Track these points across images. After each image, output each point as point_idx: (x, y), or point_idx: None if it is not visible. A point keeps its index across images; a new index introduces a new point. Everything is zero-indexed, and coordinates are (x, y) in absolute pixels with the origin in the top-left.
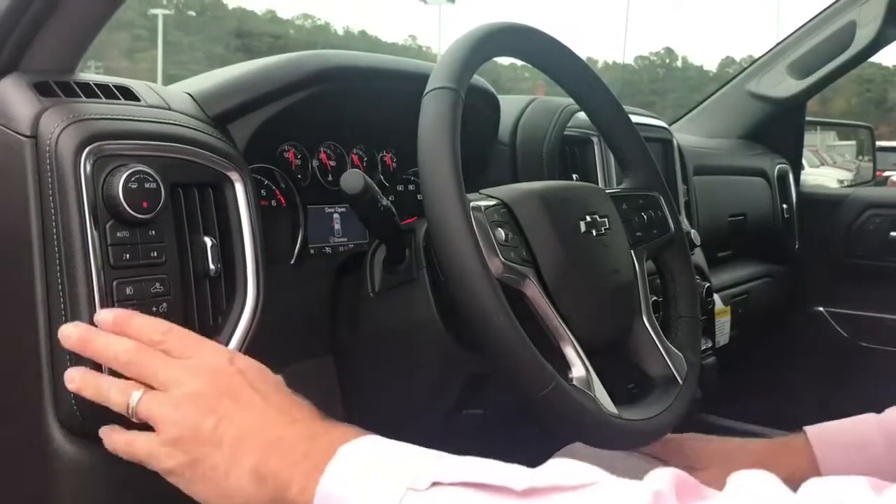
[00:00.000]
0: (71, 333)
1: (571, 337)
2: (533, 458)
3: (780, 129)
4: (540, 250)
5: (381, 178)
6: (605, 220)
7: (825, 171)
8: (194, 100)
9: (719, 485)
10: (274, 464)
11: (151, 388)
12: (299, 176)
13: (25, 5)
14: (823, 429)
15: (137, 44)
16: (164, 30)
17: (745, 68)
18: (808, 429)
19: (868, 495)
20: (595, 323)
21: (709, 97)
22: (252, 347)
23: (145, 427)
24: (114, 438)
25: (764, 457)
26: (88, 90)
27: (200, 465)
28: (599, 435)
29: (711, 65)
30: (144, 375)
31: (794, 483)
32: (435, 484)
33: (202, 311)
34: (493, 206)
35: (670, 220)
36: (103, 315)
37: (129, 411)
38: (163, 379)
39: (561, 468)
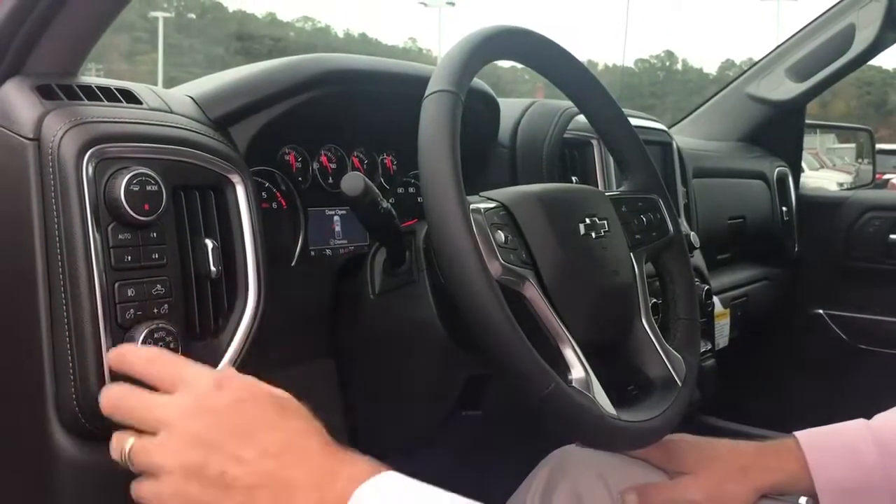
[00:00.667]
0: None
1: (571, 338)
2: (529, 459)
3: (779, 131)
4: (539, 252)
5: (382, 180)
6: (605, 222)
7: (825, 173)
8: (196, 103)
9: (707, 488)
10: None
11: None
12: (300, 178)
13: (29, 9)
14: (814, 434)
15: (138, 46)
16: (165, 32)
17: (745, 71)
18: (799, 434)
19: None
20: (594, 325)
21: (708, 100)
22: (253, 349)
23: None
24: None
25: (753, 460)
26: (91, 93)
27: None
28: (599, 436)
29: (711, 68)
30: (131, 421)
31: (783, 488)
32: None
33: (203, 312)
34: (493, 208)
35: (669, 223)
36: (112, 357)
37: (126, 462)
38: (150, 422)
39: None
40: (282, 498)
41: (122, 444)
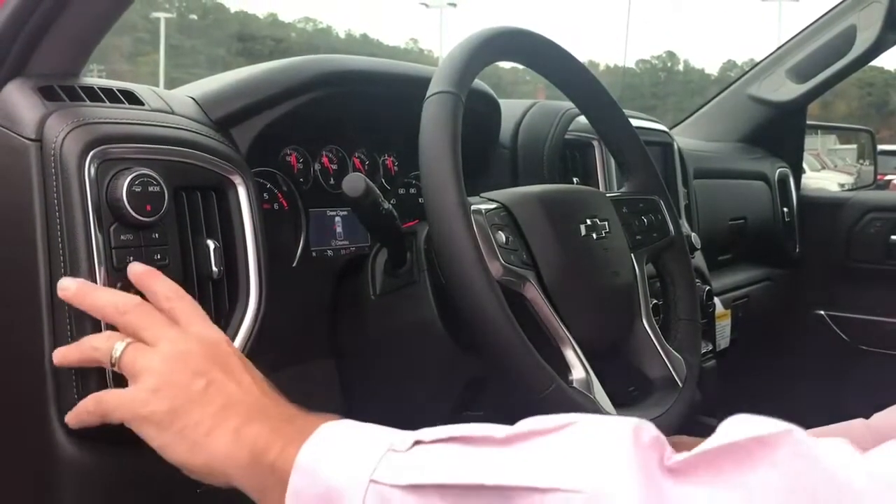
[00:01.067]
0: (69, 286)
1: (571, 339)
2: None
3: (780, 132)
4: (540, 253)
5: (383, 181)
6: (606, 223)
7: (826, 174)
8: (197, 104)
9: None
10: (256, 428)
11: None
12: (301, 179)
13: (31, 10)
14: (814, 434)
15: (140, 47)
16: (167, 33)
17: (746, 72)
18: None
19: (850, 451)
20: (595, 325)
21: (709, 101)
22: (254, 349)
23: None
24: (79, 406)
25: None
26: (93, 94)
27: (181, 419)
28: None
29: (713, 68)
30: (138, 328)
31: None
32: (417, 443)
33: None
34: (494, 209)
35: (670, 224)
36: (136, 266)
37: (112, 361)
38: (156, 334)
39: (541, 417)
40: (253, 416)
41: (114, 342)
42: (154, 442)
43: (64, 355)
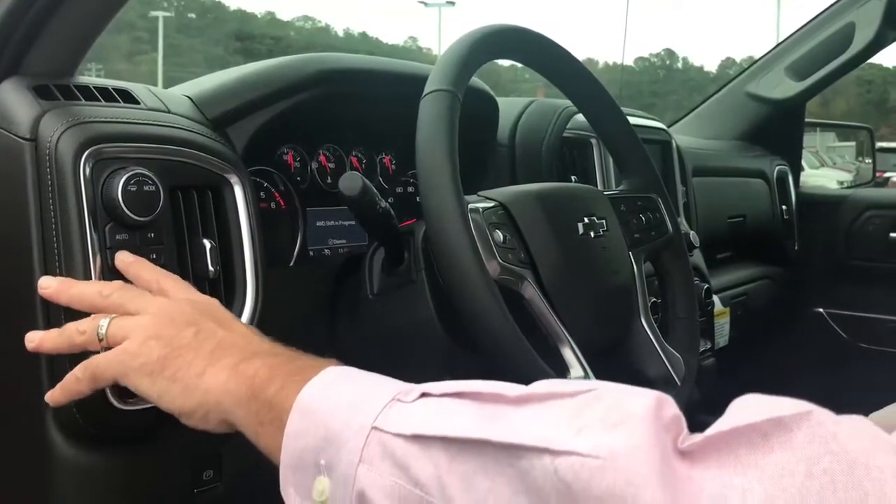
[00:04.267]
0: (50, 283)
1: (569, 338)
2: None
3: (779, 130)
4: (538, 252)
5: (380, 180)
6: (604, 221)
7: (825, 172)
8: (193, 103)
9: None
10: (255, 364)
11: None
12: (298, 178)
13: (25, 9)
14: None
15: (138, 46)
16: (165, 32)
17: (745, 69)
18: None
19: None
20: (593, 324)
21: (708, 98)
22: None
23: None
24: (66, 379)
25: None
26: (88, 93)
27: (173, 363)
28: None
29: (712, 66)
30: (123, 302)
31: None
32: (423, 395)
33: None
34: (492, 207)
35: (668, 222)
36: (124, 255)
37: (99, 337)
38: (143, 303)
39: (558, 381)
40: (249, 356)
41: (98, 320)
42: (149, 391)
43: (42, 340)
